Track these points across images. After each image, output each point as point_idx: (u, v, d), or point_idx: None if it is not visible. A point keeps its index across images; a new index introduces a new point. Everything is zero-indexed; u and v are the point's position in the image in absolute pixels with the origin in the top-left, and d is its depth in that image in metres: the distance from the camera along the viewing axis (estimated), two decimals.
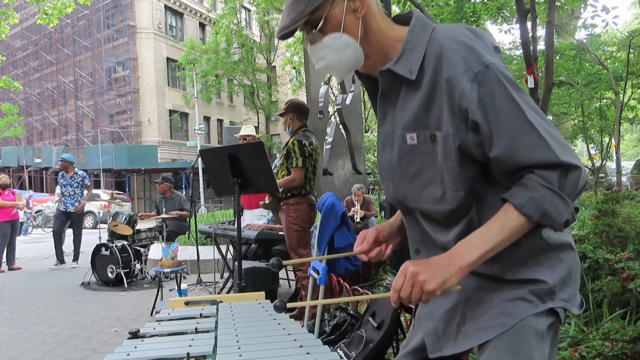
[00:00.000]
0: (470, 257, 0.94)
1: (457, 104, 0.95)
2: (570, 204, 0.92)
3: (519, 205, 0.92)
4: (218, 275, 5.35)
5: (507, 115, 0.92)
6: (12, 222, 7.71)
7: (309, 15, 1.01)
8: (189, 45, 23.08)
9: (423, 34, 1.01)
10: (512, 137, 0.92)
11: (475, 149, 0.97)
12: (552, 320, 1.01)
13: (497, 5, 6.94)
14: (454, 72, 0.94)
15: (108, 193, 12.85)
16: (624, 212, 3.12)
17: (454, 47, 0.95)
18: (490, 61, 0.93)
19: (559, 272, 1.01)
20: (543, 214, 0.91)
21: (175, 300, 1.68)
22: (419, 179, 1.05)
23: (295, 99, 4.00)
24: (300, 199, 3.72)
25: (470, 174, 0.99)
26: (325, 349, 1.16)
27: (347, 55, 1.04)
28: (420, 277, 0.93)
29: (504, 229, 0.93)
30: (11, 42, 30.83)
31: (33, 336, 3.93)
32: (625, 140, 30.03)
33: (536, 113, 0.94)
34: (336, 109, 7.76)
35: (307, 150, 3.67)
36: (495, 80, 0.92)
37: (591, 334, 2.23)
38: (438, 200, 1.03)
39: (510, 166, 0.95)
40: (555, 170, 0.91)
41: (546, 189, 0.90)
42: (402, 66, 1.01)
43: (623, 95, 9.72)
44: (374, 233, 1.23)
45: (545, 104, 4.56)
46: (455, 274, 0.94)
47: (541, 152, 0.91)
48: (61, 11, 8.94)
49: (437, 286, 0.93)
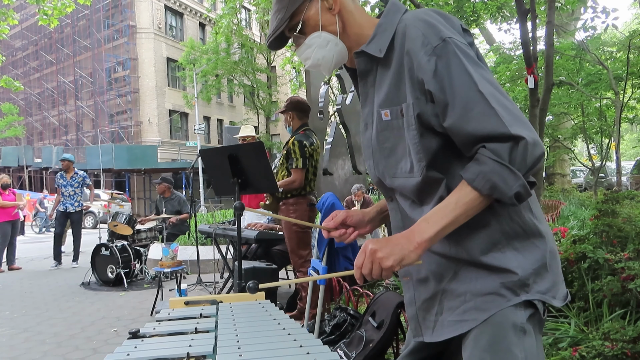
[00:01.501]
0: (428, 232, 0.96)
1: (415, 75, 0.99)
2: (520, 176, 0.91)
3: (469, 180, 0.94)
4: (218, 275, 5.35)
5: (459, 86, 0.95)
6: (12, 222, 7.71)
7: (289, 21, 1.11)
8: (189, 45, 23.08)
9: (395, 17, 1.07)
10: (463, 107, 0.94)
11: (434, 120, 1.00)
12: (530, 312, 1.00)
13: (497, 4, 6.94)
14: (413, 46, 0.99)
15: (108, 193, 12.86)
16: (624, 212, 3.12)
17: (416, 23, 1.01)
18: (448, 35, 0.97)
19: (532, 262, 1.01)
20: (492, 187, 0.92)
21: (175, 300, 1.68)
22: (394, 155, 1.08)
23: (296, 96, 3.93)
24: (300, 199, 3.71)
25: (433, 145, 1.01)
26: (325, 349, 1.16)
27: (329, 51, 1.12)
28: (378, 254, 0.97)
29: (459, 204, 0.95)
30: (11, 42, 30.83)
31: (33, 336, 3.93)
32: (625, 140, 30.04)
33: (491, 85, 0.95)
34: (336, 109, 7.76)
35: (308, 150, 3.64)
36: (451, 53, 0.96)
37: (591, 334, 2.23)
38: (408, 174, 1.06)
39: (464, 137, 0.96)
40: (505, 142, 0.91)
41: (495, 162, 0.91)
42: (374, 46, 1.07)
43: (623, 96, 9.73)
44: (343, 215, 1.27)
45: (545, 104, 4.57)
46: (414, 250, 0.96)
47: (491, 122, 0.92)
48: (61, 11, 8.95)
49: (395, 262, 0.96)
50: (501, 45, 13.06)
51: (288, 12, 1.10)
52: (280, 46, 1.19)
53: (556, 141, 13.20)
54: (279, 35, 1.14)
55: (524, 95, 9.99)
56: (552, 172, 14.77)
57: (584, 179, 19.64)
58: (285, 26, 1.11)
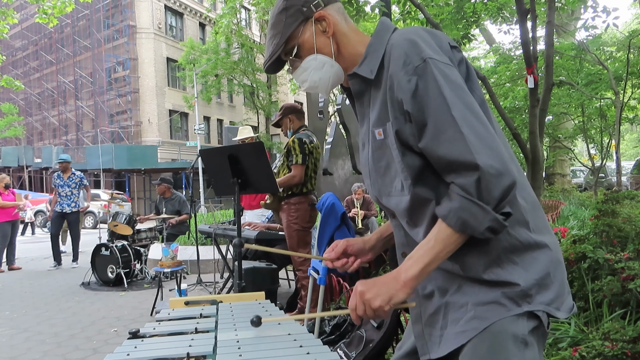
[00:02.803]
0: (412, 270, 0.96)
1: (395, 96, 1.00)
2: (490, 211, 0.90)
3: (442, 217, 0.95)
4: (218, 275, 5.35)
5: (434, 108, 0.95)
6: (12, 222, 7.71)
7: (284, 46, 1.13)
8: (189, 45, 23.08)
9: (384, 36, 1.08)
10: (435, 130, 0.95)
11: (412, 140, 1.00)
12: (534, 325, 0.98)
13: (497, 5, 6.94)
14: (395, 66, 1.00)
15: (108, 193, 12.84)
16: (624, 212, 3.12)
17: (401, 43, 1.01)
18: (429, 56, 0.97)
19: (534, 274, 0.99)
20: (463, 224, 0.92)
21: (175, 300, 1.68)
22: (388, 173, 1.08)
23: (287, 103, 4.03)
24: (302, 199, 3.71)
25: (416, 163, 1.01)
26: (325, 349, 1.16)
27: (326, 73, 1.14)
28: (365, 295, 0.98)
29: (437, 241, 0.95)
30: (11, 42, 30.82)
31: (33, 336, 3.93)
32: (625, 140, 30.03)
33: (466, 108, 0.94)
34: (336, 109, 7.76)
35: (308, 147, 3.66)
36: (430, 75, 0.95)
37: (591, 334, 2.23)
38: (400, 192, 1.06)
39: (435, 160, 0.97)
40: (471, 175, 0.90)
41: (463, 199, 0.91)
42: (365, 68, 1.09)
43: (623, 96, 9.73)
44: (344, 245, 1.27)
45: (545, 104, 4.57)
46: (401, 289, 0.96)
47: (458, 147, 0.91)
48: (61, 10, 8.95)
49: (383, 303, 0.96)
50: (501, 45, 13.05)
51: (283, 37, 1.12)
52: (277, 70, 1.21)
53: (556, 141, 13.20)
54: (276, 60, 1.16)
55: (524, 95, 9.98)
56: (552, 172, 14.76)
57: (584, 179, 19.63)
58: (281, 51, 1.14)
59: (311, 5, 1.12)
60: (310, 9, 1.12)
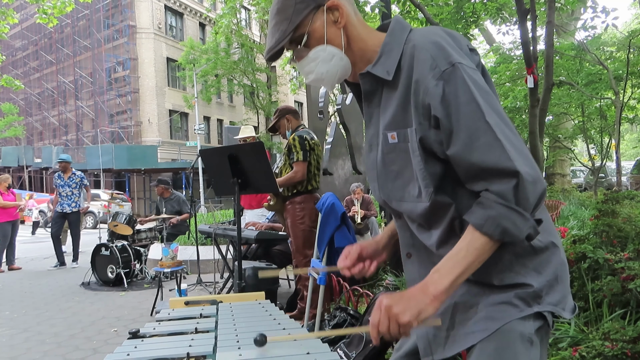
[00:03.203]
0: (442, 284, 0.92)
1: (421, 100, 0.96)
2: (529, 218, 0.90)
3: (477, 225, 0.91)
4: (218, 275, 5.35)
5: (467, 114, 0.92)
6: (12, 222, 7.71)
7: (292, 34, 1.06)
8: (189, 45, 23.08)
9: (401, 36, 1.04)
10: (469, 136, 0.92)
11: (437, 146, 0.97)
12: (539, 324, 0.99)
13: (496, 5, 6.94)
14: (422, 69, 0.96)
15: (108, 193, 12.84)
16: (624, 212, 3.12)
17: (426, 45, 0.97)
18: (457, 60, 0.94)
19: (545, 275, 1.00)
20: (503, 232, 0.90)
21: (175, 300, 1.68)
22: (401, 178, 1.06)
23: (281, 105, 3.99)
24: (307, 197, 3.66)
25: (437, 170, 0.99)
26: (325, 348, 1.16)
27: (334, 66, 1.08)
28: (394, 310, 0.92)
29: (470, 251, 0.92)
30: (11, 42, 30.82)
31: (33, 336, 3.93)
32: (625, 140, 30.03)
33: (497, 116, 0.93)
34: (336, 109, 7.75)
35: (309, 144, 3.62)
36: (460, 80, 0.93)
37: (591, 334, 2.22)
38: (416, 199, 1.03)
39: (466, 167, 0.94)
40: (509, 182, 0.89)
41: (502, 206, 0.89)
42: (380, 68, 1.04)
43: (623, 95, 9.73)
44: (358, 249, 1.24)
45: (545, 104, 4.57)
46: (430, 303, 0.92)
47: (495, 154, 0.90)
48: (61, 10, 8.95)
49: (412, 318, 0.92)
50: (501, 45, 13.06)
51: (292, 23, 1.05)
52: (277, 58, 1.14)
53: (556, 141, 13.20)
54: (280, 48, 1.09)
55: (524, 95, 9.99)
56: (552, 172, 14.76)
57: (584, 179, 19.63)
58: (288, 39, 1.06)
59: None
60: None
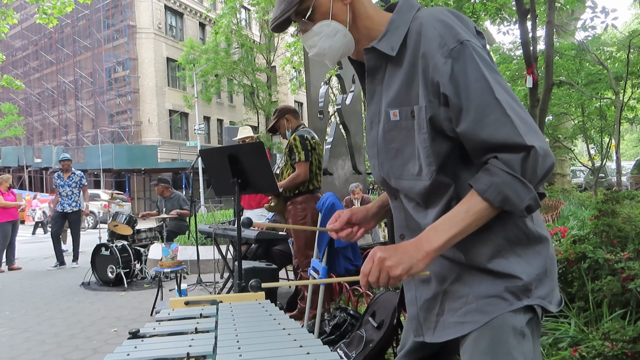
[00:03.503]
0: (437, 241, 0.95)
1: (430, 78, 0.97)
2: (532, 189, 0.91)
3: (480, 191, 0.93)
4: (218, 275, 5.35)
5: (476, 91, 0.93)
6: (12, 222, 7.71)
7: (298, 5, 1.06)
8: (189, 45, 23.07)
9: (408, 14, 1.04)
10: (478, 113, 0.93)
11: (447, 124, 0.98)
12: (529, 317, 1.00)
13: (496, 5, 6.95)
14: (430, 47, 0.96)
15: (108, 193, 12.83)
16: (624, 212, 3.12)
17: (433, 23, 0.98)
18: (465, 38, 0.95)
19: (535, 268, 1.01)
20: (504, 199, 0.91)
21: (175, 300, 1.68)
22: (401, 156, 1.06)
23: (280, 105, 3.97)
24: (308, 197, 3.65)
25: (443, 149, 1.00)
26: (325, 349, 1.16)
27: (337, 41, 1.08)
28: (387, 262, 0.96)
29: (469, 214, 0.94)
30: (11, 42, 30.82)
31: (33, 336, 3.93)
32: (625, 140, 30.03)
33: (506, 93, 0.94)
34: (336, 109, 7.74)
35: (310, 143, 3.61)
36: (469, 57, 0.94)
37: (591, 334, 2.22)
38: (415, 177, 1.04)
39: (476, 143, 0.95)
40: (517, 153, 0.90)
41: (507, 174, 0.90)
42: (385, 43, 1.04)
43: (623, 95, 9.73)
44: (348, 214, 1.26)
45: (545, 104, 4.57)
46: (422, 259, 0.95)
47: (506, 130, 0.91)
48: (61, 10, 8.95)
49: (403, 271, 0.95)
50: (501, 45, 13.06)
51: None
52: (283, 29, 1.14)
53: (556, 141, 13.20)
54: (286, 19, 1.09)
55: (524, 95, 9.99)
56: (552, 172, 14.77)
57: (584, 179, 19.64)
58: (293, 10, 1.06)
59: None
60: None
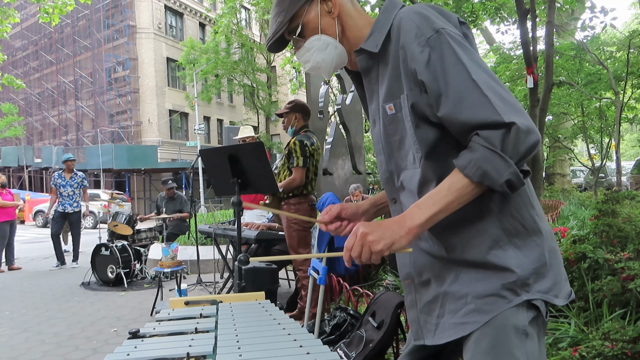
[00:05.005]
0: (420, 218, 0.96)
1: (409, 67, 1.00)
2: (512, 164, 0.90)
3: (461, 167, 0.94)
4: (218, 275, 5.35)
5: (453, 75, 0.95)
6: (10, 222, 7.70)
7: (288, 24, 1.13)
8: (189, 45, 23.06)
9: (391, 12, 1.08)
10: (457, 96, 0.94)
11: (428, 110, 1.00)
12: (533, 315, 0.99)
13: (495, 5, 6.94)
14: (407, 38, 1.00)
15: (108, 193, 12.83)
16: (624, 212, 3.12)
17: (411, 16, 1.01)
18: (441, 26, 0.98)
19: (532, 261, 1.00)
20: (482, 174, 0.91)
21: (175, 300, 1.68)
22: (403, 146, 1.08)
23: (298, 99, 3.98)
24: (302, 199, 3.73)
25: (430, 136, 1.01)
26: (325, 349, 1.16)
27: (329, 54, 1.13)
28: (369, 237, 0.97)
29: (451, 191, 0.94)
30: (11, 42, 30.81)
31: (33, 336, 3.93)
32: (625, 140, 30.00)
33: (485, 73, 0.95)
34: (336, 109, 7.75)
35: (309, 150, 3.67)
36: (445, 44, 0.96)
37: (591, 334, 2.23)
38: (412, 165, 1.06)
39: (458, 127, 0.96)
40: (498, 129, 0.90)
41: (486, 149, 0.91)
42: (371, 42, 1.08)
43: (623, 95, 9.73)
44: (338, 208, 1.27)
45: (545, 104, 4.57)
46: (405, 236, 0.96)
47: (484, 110, 0.91)
48: (62, 10, 8.95)
49: (385, 247, 0.96)
50: (501, 45, 13.06)
51: (288, 15, 1.11)
52: (280, 49, 1.20)
53: (556, 141, 13.20)
54: (279, 38, 1.16)
55: (524, 95, 9.99)
56: (552, 172, 14.76)
57: (584, 179, 19.63)
58: (284, 29, 1.13)
59: None
60: None
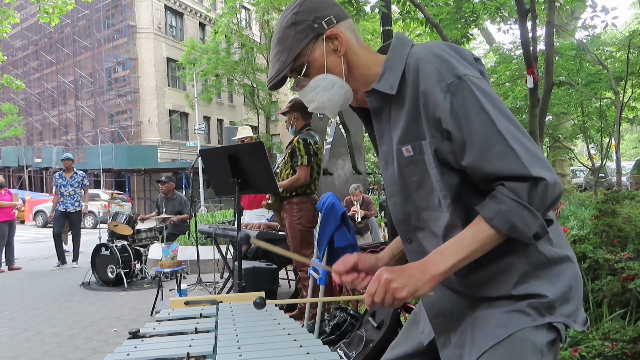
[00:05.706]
0: (443, 266, 0.95)
1: (432, 114, 0.97)
2: (539, 217, 0.91)
3: (487, 218, 0.93)
4: (218, 275, 5.35)
5: (478, 125, 0.93)
6: (9, 222, 7.70)
7: (292, 63, 1.07)
8: (189, 45, 23.06)
9: (402, 51, 1.04)
10: (482, 147, 0.93)
11: (451, 157, 0.98)
12: (552, 337, 0.99)
13: (495, 5, 6.94)
14: (428, 83, 0.97)
15: (108, 193, 12.83)
16: (624, 212, 3.11)
17: (429, 58, 0.98)
18: (463, 73, 0.95)
19: (560, 287, 1.00)
20: (511, 227, 0.91)
21: (175, 300, 1.68)
22: (424, 187, 1.06)
23: (297, 98, 3.96)
24: (305, 198, 3.69)
25: (454, 181, 1.00)
26: (325, 349, 1.16)
27: (335, 94, 1.09)
28: (392, 284, 0.96)
29: (476, 240, 0.94)
30: (11, 42, 30.81)
31: (33, 336, 3.93)
32: (625, 140, 30.02)
33: (509, 122, 0.94)
34: None
35: (312, 148, 3.65)
36: (467, 92, 0.94)
37: (591, 334, 2.22)
38: (437, 208, 1.04)
39: (482, 176, 0.95)
40: (524, 182, 0.90)
41: (514, 202, 0.90)
42: (384, 83, 1.04)
43: (623, 95, 9.72)
44: (354, 259, 1.18)
45: (545, 104, 4.57)
46: (428, 282, 0.96)
47: (509, 162, 0.91)
48: (62, 9, 8.96)
49: (409, 294, 0.96)
50: (501, 45, 13.04)
51: (292, 54, 1.07)
52: (280, 87, 1.16)
53: (556, 141, 13.19)
54: (282, 77, 1.11)
55: (524, 95, 9.98)
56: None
57: (584, 179, 19.62)
58: (289, 68, 1.08)
59: (323, 22, 1.06)
60: (322, 26, 1.06)
